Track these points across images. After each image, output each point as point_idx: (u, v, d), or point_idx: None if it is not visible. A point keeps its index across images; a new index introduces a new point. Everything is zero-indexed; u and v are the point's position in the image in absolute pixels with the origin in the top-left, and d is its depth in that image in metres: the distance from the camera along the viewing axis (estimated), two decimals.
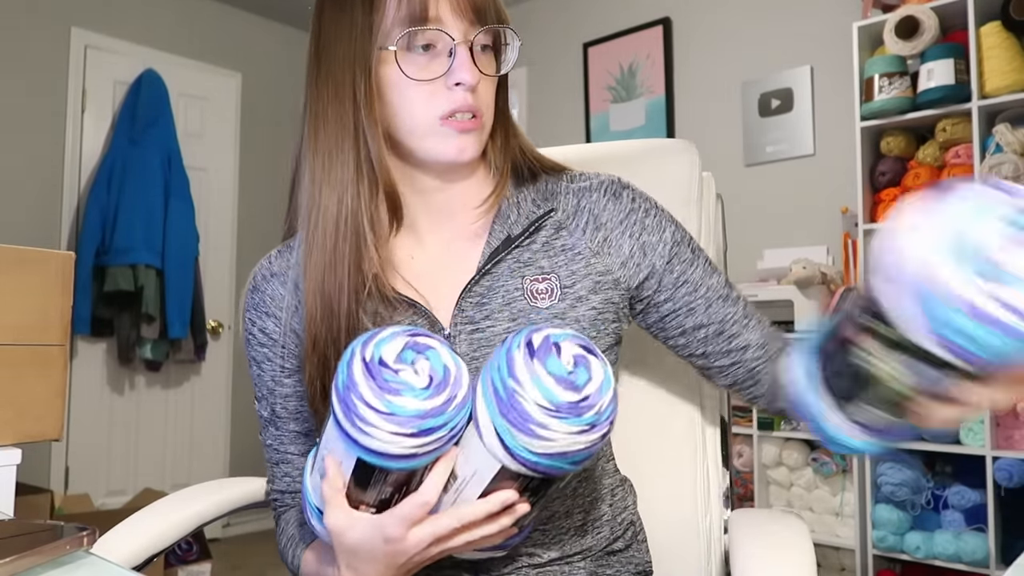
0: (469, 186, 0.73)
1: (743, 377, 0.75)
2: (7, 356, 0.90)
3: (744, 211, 2.65)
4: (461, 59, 0.65)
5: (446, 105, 0.66)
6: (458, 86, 0.65)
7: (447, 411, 0.53)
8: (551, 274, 0.70)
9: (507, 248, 0.70)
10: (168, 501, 0.88)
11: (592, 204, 0.73)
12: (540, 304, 0.69)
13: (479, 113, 0.67)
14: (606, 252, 0.72)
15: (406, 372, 0.54)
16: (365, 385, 0.53)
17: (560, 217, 0.73)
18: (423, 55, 0.66)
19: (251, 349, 0.77)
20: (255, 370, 0.77)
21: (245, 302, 0.79)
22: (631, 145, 1.05)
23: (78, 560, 0.57)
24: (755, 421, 2.43)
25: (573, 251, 0.71)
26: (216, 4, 3.61)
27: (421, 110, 0.66)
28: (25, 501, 2.16)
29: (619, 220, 0.72)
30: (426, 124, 0.67)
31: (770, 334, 0.75)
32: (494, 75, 0.69)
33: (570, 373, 0.54)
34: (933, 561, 2.10)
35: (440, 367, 0.55)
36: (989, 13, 2.12)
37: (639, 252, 0.72)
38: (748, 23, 2.89)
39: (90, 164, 3.13)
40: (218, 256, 3.51)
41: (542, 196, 0.74)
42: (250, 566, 3.05)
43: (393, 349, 0.54)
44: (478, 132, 0.68)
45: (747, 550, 0.74)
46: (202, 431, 3.43)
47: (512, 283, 0.70)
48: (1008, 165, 1.98)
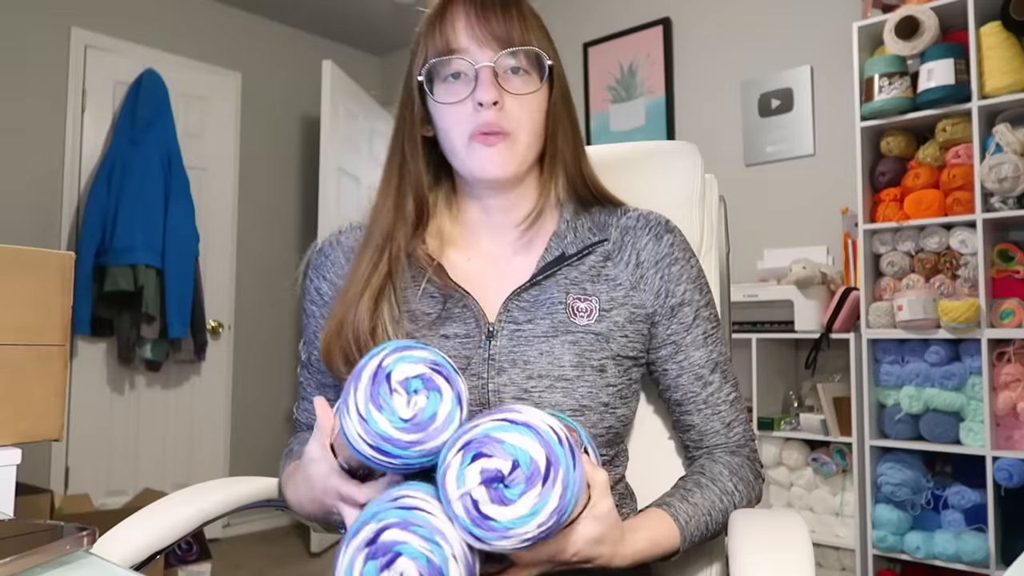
0: (520, 201, 0.81)
1: (679, 443, 0.87)
2: (7, 356, 0.90)
3: (744, 211, 2.65)
4: (480, 80, 0.72)
5: (472, 124, 0.73)
6: (481, 106, 0.72)
7: (407, 451, 0.55)
8: (593, 296, 0.78)
9: (559, 264, 0.79)
10: (169, 500, 0.88)
11: (636, 241, 0.81)
12: (578, 320, 0.77)
13: (506, 130, 0.73)
14: (641, 288, 0.80)
15: (399, 398, 0.56)
16: (363, 385, 0.56)
17: (609, 248, 0.81)
18: (455, 82, 0.74)
19: (304, 301, 0.88)
20: (304, 318, 0.88)
21: (309, 261, 0.88)
22: (634, 148, 1.05)
23: (78, 560, 0.57)
24: (755, 421, 2.43)
25: (615, 281, 0.80)
26: (216, 4, 3.61)
27: (455, 130, 0.75)
28: (25, 501, 2.16)
29: (654, 261, 0.81)
30: (460, 142, 0.75)
31: (715, 432, 0.82)
32: (521, 94, 0.74)
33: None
34: (933, 561, 2.10)
35: (430, 412, 0.55)
36: (989, 13, 2.12)
37: (664, 291, 0.81)
38: (748, 23, 2.89)
39: (90, 164, 3.13)
40: (218, 256, 3.51)
41: (597, 226, 0.82)
42: (250, 566, 3.05)
43: (405, 371, 0.56)
44: (506, 147, 0.74)
45: (747, 550, 0.74)
46: (202, 431, 3.43)
47: (558, 295, 0.78)
48: (1008, 165, 1.98)
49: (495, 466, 0.52)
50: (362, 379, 0.56)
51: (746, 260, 2.69)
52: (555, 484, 0.51)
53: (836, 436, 2.30)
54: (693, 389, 0.81)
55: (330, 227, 3.31)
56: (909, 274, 2.26)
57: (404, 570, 0.51)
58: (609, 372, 0.77)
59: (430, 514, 0.53)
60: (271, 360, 3.74)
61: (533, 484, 0.51)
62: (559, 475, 0.52)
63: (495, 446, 0.52)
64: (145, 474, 3.21)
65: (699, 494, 0.76)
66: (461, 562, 0.52)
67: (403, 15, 3.81)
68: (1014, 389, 1.99)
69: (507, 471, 0.52)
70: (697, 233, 0.99)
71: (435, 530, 0.52)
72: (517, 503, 0.51)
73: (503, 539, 0.51)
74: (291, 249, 3.87)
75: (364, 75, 4.23)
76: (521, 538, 0.51)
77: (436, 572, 0.51)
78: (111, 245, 2.95)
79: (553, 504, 0.51)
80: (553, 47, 0.78)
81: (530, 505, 0.51)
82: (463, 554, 0.52)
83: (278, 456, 0.94)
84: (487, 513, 0.51)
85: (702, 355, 0.81)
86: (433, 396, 0.56)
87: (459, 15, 0.74)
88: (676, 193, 1.00)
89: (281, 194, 3.84)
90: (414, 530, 0.52)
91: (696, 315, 0.81)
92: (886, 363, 2.22)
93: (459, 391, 0.57)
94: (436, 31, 0.75)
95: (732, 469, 0.80)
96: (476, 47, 0.73)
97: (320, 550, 3.25)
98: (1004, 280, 2.09)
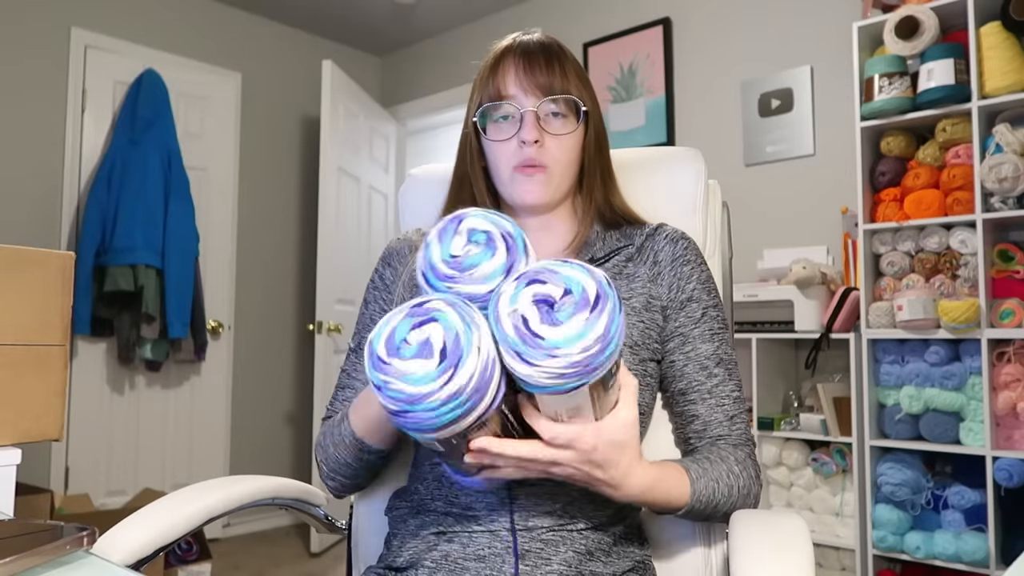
0: (554, 224, 0.92)
1: (680, 438, 0.89)
2: (7, 356, 0.90)
3: (744, 211, 2.65)
4: (525, 122, 0.85)
5: (516, 158, 0.86)
6: (524, 144, 0.85)
7: (442, 283, 0.60)
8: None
9: (586, 258, 0.87)
10: (169, 500, 0.88)
11: (655, 245, 0.90)
12: None
13: (544, 163, 0.86)
14: (658, 283, 0.88)
15: (458, 240, 0.61)
16: (441, 224, 0.62)
17: (632, 252, 0.91)
18: (504, 123, 0.87)
19: (367, 291, 0.97)
20: (362, 308, 0.97)
21: (378, 260, 0.99)
22: (638, 153, 1.06)
23: (78, 560, 0.57)
24: (755, 421, 2.43)
25: (634, 276, 0.89)
26: (216, 4, 3.61)
27: (502, 163, 0.88)
28: (25, 501, 2.16)
29: (669, 260, 0.89)
30: (506, 174, 0.88)
31: (719, 423, 0.85)
32: (559, 134, 0.86)
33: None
34: (933, 561, 2.10)
35: (475, 262, 0.60)
36: (989, 13, 2.12)
37: (676, 287, 0.88)
38: (748, 23, 2.89)
39: (90, 164, 3.13)
40: (218, 256, 3.51)
41: (624, 236, 0.92)
42: (250, 566, 3.05)
43: (476, 223, 0.61)
44: (543, 179, 0.86)
45: (747, 550, 0.74)
46: (202, 431, 3.43)
47: None
48: (1008, 165, 1.98)
49: (548, 292, 0.55)
50: (443, 220, 0.62)
51: (746, 260, 2.69)
52: (602, 314, 0.54)
53: (836, 436, 2.30)
54: (699, 378, 0.86)
55: (330, 227, 3.32)
56: (909, 274, 2.26)
57: (432, 335, 0.54)
58: (625, 360, 0.82)
59: (476, 313, 0.56)
60: (271, 360, 3.74)
61: (581, 309, 0.54)
62: (607, 307, 0.54)
63: (549, 275, 0.56)
64: (145, 474, 3.21)
65: (709, 464, 0.80)
66: (481, 360, 0.54)
67: (403, 15, 3.81)
68: (1014, 389, 1.99)
69: (558, 297, 0.55)
70: (701, 238, 1.00)
71: (473, 321, 0.55)
72: (566, 324, 0.53)
73: (549, 357, 0.53)
74: (291, 249, 3.87)
75: (364, 75, 4.23)
76: (566, 359, 0.53)
77: (457, 350, 0.53)
78: (111, 245, 2.95)
79: (599, 331, 0.53)
80: (591, 94, 0.90)
81: (578, 327, 0.53)
82: (487, 356, 0.54)
83: (278, 456, 0.94)
84: (536, 331, 0.53)
85: (708, 348, 0.86)
86: (486, 252, 0.59)
87: (509, 66, 0.87)
88: (680, 199, 1.00)
89: (281, 194, 3.84)
90: (458, 309, 0.55)
91: (704, 312, 0.87)
92: (886, 363, 2.22)
93: (513, 261, 0.59)
94: (490, 80, 0.88)
95: (737, 458, 0.83)
96: (523, 94, 0.86)
97: (320, 550, 3.25)
98: (1004, 280, 2.09)
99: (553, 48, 0.89)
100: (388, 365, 0.54)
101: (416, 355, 0.53)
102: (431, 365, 0.53)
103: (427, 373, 0.53)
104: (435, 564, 0.79)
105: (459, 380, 0.53)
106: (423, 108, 4.06)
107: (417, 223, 1.07)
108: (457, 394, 0.53)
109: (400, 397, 0.53)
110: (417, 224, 1.06)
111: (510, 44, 0.89)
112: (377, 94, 4.30)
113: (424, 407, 0.53)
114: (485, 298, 0.57)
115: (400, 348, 0.54)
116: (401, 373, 0.53)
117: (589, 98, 0.89)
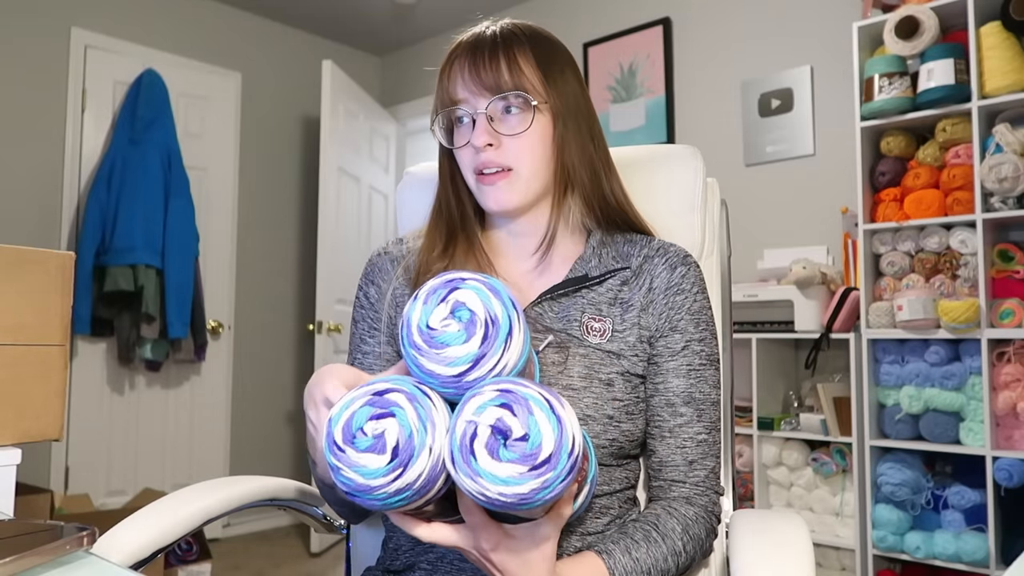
0: (536, 227, 0.86)
1: (645, 466, 0.87)
2: (7, 356, 0.90)
3: (744, 211, 2.65)
4: (476, 126, 0.80)
5: (473, 163, 0.81)
6: (477, 149, 0.80)
7: (411, 351, 0.58)
8: (608, 318, 0.83)
9: (582, 282, 0.83)
10: (169, 500, 0.88)
11: (653, 268, 0.85)
12: (590, 339, 0.81)
13: (507, 165, 0.80)
14: (650, 311, 0.84)
15: (442, 309, 0.58)
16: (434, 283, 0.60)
17: (628, 275, 0.85)
18: (463, 126, 0.82)
19: (355, 310, 0.93)
20: (353, 325, 0.93)
21: (361, 276, 0.94)
22: (636, 151, 1.05)
23: (78, 560, 0.57)
24: (755, 421, 2.43)
25: (629, 304, 0.84)
26: (216, 4, 3.61)
27: (466, 171, 0.83)
28: (25, 501, 2.16)
29: (663, 288, 0.84)
30: (471, 181, 0.83)
31: (676, 466, 0.81)
32: (515, 133, 0.80)
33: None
34: (933, 561, 2.10)
35: (448, 341, 0.57)
36: (989, 13, 2.12)
37: (665, 316, 0.83)
38: (748, 23, 2.89)
39: (90, 164, 3.13)
40: (218, 256, 3.51)
41: (621, 255, 0.87)
42: (250, 566, 3.05)
43: (466, 298, 0.59)
44: (507, 183, 0.81)
45: (747, 549, 0.74)
46: (202, 431, 3.43)
47: (573, 313, 0.82)
48: (1008, 165, 1.98)
49: (510, 425, 0.54)
50: (436, 280, 0.60)
51: (746, 260, 2.69)
52: (539, 477, 0.53)
53: (836, 436, 2.30)
54: (661, 415, 0.82)
55: (330, 227, 3.32)
56: (909, 274, 2.26)
57: (387, 430, 0.55)
58: (616, 387, 0.80)
59: (435, 409, 0.56)
60: (271, 360, 3.74)
61: (524, 462, 0.53)
62: (547, 474, 0.53)
63: (523, 412, 0.54)
64: (145, 474, 3.21)
65: (645, 549, 0.73)
66: (431, 460, 0.55)
67: (403, 15, 3.81)
68: (1014, 389, 1.99)
69: (515, 436, 0.54)
70: (699, 237, 0.99)
71: (431, 420, 0.55)
72: (501, 464, 0.53)
73: (468, 477, 0.53)
74: (291, 249, 3.87)
75: (364, 75, 4.23)
76: (479, 490, 0.53)
77: (409, 448, 0.54)
78: (111, 245, 2.95)
79: (523, 491, 0.53)
80: (554, 81, 0.82)
81: (507, 474, 0.53)
82: (438, 457, 0.55)
83: (278, 456, 0.93)
84: (475, 449, 0.54)
85: (680, 385, 0.82)
86: (461, 334, 0.57)
87: (456, 70, 0.82)
88: (678, 197, 1.00)
89: (281, 194, 3.84)
90: (416, 406, 0.56)
91: (686, 346, 0.82)
92: (886, 363, 2.22)
93: (485, 353, 0.57)
94: (442, 84, 0.83)
95: (685, 525, 0.77)
96: (472, 96, 0.80)
97: (320, 550, 3.25)
98: (1004, 280, 2.09)
99: (506, 37, 0.82)
100: (343, 452, 0.55)
101: (369, 448, 0.54)
102: (382, 461, 0.54)
103: (378, 468, 0.54)
104: (431, 566, 0.79)
105: (407, 478, 0.54)
106: (423, 108, 4.05)
107: (415, 221, 1.06)
108: (405, 489, 0.54)
109: (351, 485, 0.55)
110: (416, 223, 1.05)
111: (459, 42, 0.84)
112: (377, 94, 4.30)
113: (372, 496, 0.55)
114: (447, 380, 0.57)
115: (356, 437, 0.55)
116: (353, 463, 0.54)
117: (553, 87, 0.82)
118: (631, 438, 0.81)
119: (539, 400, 0.54)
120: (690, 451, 0.81)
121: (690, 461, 0.80)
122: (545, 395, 0.55)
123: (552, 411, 0.54)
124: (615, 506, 0.82)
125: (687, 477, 0.80)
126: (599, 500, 0.80)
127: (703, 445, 0.81)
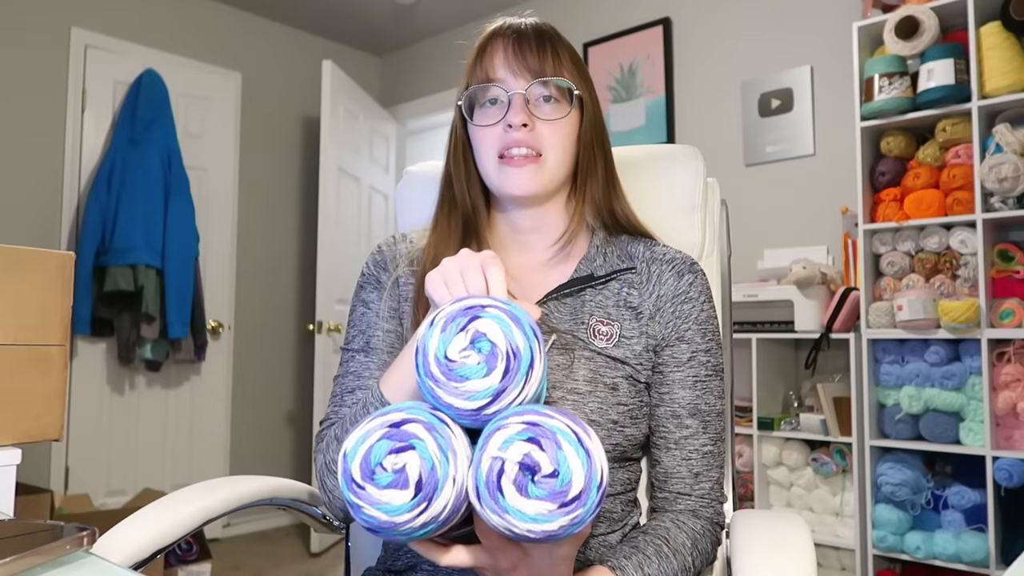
0: (549, 222, 0.86)
1: (648, 477, 0.86)
2: (7, 356, 0.89)
3: (744, 211, 2.65)
4: (512, 105, 0.79)
5: (500, 144, 0.80)
6: (511, 127, 0.79)
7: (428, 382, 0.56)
8: (615, 322, 0.82)
9: (587, 283, 0.82)
10: (169, 499, 0.88)
11: (661, 275, 0.84)
12: (596, 343, 0.80)
13: (537, 149, 0.80)
14: (657, 320, 0.83)
15: (461, 339, 0.56)
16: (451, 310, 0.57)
17: (634, 278, 0.84)
18: (492, 107, 0.81)
19: (364, 292, 0.89)
20: (360, 309, 0.88)
21: (368, 261, 0.91)
22: (636, 151, 1.05)
23: (78, 560, 0.57)
24: (755, 421, 2.43)
25: (636, 310, 0.83)
26: (216, 4, 3.61)
27: (487, 151, 0.82)
28: (25, 501, 2.16)
29: (671, 296, 0.83)
30: (491, 162, 0.81)
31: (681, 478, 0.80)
32: (551, 119, 0.81)
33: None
34: (933, 561, 2.10)
35: (467, 373, 0.55)
36: (989, 13, 2.12)
37: (672, 325, 0.83)
38: (748, 23, 2.89)
39: (90, 164, 3.13)
40: (218, 256, 3.51)
41: (626, 255, 0.86)
42: (250, 566, 3.05)
43: (487, 328, 0.56)
44: (535, 168, 0.80)
45: (748, 549, 0.74)
46: (202, 431, 3.43)
47: (581, 316, 0.82)
48: (1008, 165, 1.98)
49: (539, 460, 0.52)
50: (454, 307, 0.57)
51: (746, 260, 2.69)
52: (569, 515, 0.51)
53: (836, 436, 2.29)
54: (667, 426, 0.81)
55: (330, 227, 3.32)
56: (909, 274, 2.26)
57: (408, 463, 0.53)
58: (621, 391, 0.79)
59: (454, 436, 0.55)
60: (271, 360, 3.74)
61: (554, 499, 0.51)
62: (577, 511, 0.52)
63: (552, 447, 0.53)
64: (145, 474, 3.21)
65: (657, 565, 0.73)
66: (456, 490, 0.53)
67: (403, 15, 3.81)
68: (1014, 389, 1.99)
69: (544, 473, 0.52)
70: (699, 237, 0.99)
71: (452, 449, 0.54)
72: (529, 501, 0.52)
73: (495, 514, 0.52)
74: (291, 249, 3.87)
75: (364, 75, 4.23)
76: (506, 526, 0.52)
77: (433, 481, 0.53)
78: (111, 245, 2.95)
79: (552, 528, 0.51)
80: (585, 81, 0.84)
81: (536, 512, 0.51)
82: (462, 486, 0.54)
83: (278, 456, 0.93)
84: (502, 486, 0.52)
85: (686, 396, 0.81)
86: (481, 368, 0.55)
87: (498, 48, 0.82)
88: (678, 197, 1.00)
89: (281, 194, 3.84)
90: (435, 436, 0.54)
91: (692, 356, 0.82)
92: (886, 363, 2.22)
93: (506, 387, 0.55)
94: (478, 62, 0.83)
95: (695, 540, 0.78)
96: (511, 77, 0.81)
97: (320, 550, 3.25)
98: (1004, 280, 2.09)
99: (546, 31, 0.84)
100: (363, 490, 0.53)
101: (391, 484, 0.53)
102: (406, 496, 0.52)
103: (402, 504, 0.52)
104: (433, 567, 0.78)
105: (433, 511, 0.53)
106: (423, 108, 4.06)
107: (414, 220, 1.06)
108: (431, 522, 0.53)
109: (374, 522, 0.53)
110: (415, 222, 1.05)
111: (500, 25, 0.85)
112: (377, 94, 4.30)
113: (398, 532, 0.53)
114: (464, 412, 0.55)
115: (375, 473, 0.53)
116: (375, 500, 0.53)
117: (585, 86, 0.84)
118: (634, 442, 0.82)
119: (567, 433, 0.53)
120: (695, 463, 0.81)
121: (696, 473, 0.81)
122: (572, 427, 0.53)
123: (580, 444, 0.52)
124: (617, 509, 0.82)
125: (692, 490, 0.81)
126: None
127: (708, 457, 0.81)
